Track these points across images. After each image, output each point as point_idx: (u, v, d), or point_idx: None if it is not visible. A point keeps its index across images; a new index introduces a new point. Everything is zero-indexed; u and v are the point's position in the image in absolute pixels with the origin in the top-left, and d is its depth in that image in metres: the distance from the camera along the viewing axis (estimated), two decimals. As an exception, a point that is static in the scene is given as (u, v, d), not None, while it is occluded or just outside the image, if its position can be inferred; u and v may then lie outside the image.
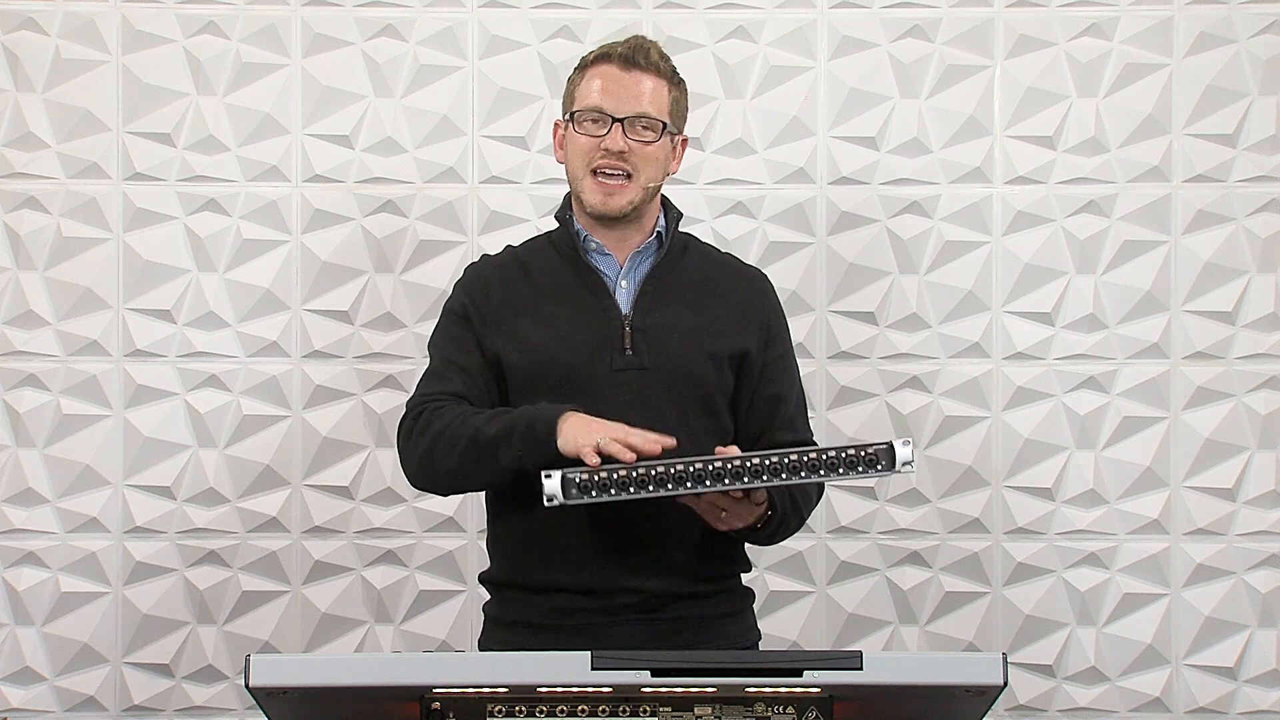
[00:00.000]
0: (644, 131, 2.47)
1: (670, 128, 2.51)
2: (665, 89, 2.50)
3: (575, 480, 2.21)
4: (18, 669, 3.27)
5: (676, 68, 2.54)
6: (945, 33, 3.33)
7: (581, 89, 2.50)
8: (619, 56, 2.49)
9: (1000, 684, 1.92)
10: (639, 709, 2.00)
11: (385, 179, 3.32)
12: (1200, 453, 3.30)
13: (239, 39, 3.31)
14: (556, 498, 2.20)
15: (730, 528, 2.41)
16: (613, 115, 2.46)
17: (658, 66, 2.50)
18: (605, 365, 2.46)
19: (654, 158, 2.49)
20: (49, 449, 3.27)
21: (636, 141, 2.46)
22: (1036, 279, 3.32)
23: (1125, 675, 3.30)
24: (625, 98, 2.47)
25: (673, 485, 2.21)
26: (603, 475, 2.21)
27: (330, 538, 3.30)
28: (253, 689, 1.90)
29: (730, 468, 2.21)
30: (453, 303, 2.58)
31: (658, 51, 2.51)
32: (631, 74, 2.48)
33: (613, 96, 2.47)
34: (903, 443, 2.22)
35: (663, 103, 2.49)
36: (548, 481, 2.21)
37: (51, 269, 3.28)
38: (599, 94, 2.47)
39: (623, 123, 2.46)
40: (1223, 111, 3.31)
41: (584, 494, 2.21)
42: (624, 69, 2.48)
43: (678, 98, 2.53)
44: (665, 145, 2.51)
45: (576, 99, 2.51)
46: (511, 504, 2.50)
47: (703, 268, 2.59)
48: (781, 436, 2.59)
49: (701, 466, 2.21)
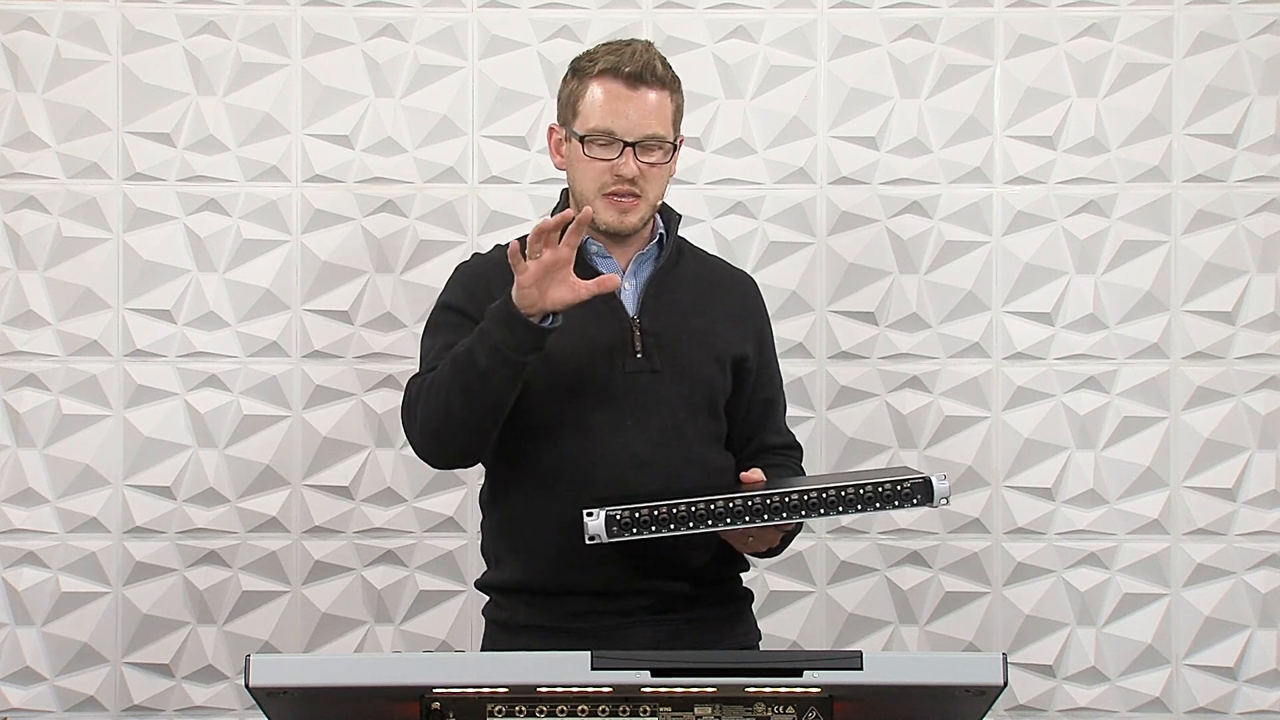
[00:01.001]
0: (654, 153, 2.46)
1: (675, 141, 2.51)
2: (669, 100, 2.48)
3: (617, 517, 2.25)
4: (18, 669, 3.27)
5: (674, 70, 2.52)
6: (945, 33, 3.33)
7: (586, 105, 2.46)
8: (626, 76, 2.45)
9: (1000, 684, 1.92)
10: (639, 709, 2.00)
11: (385, 179, 3.32)
12: (1200, 453, 3.30)
13: (239, 39, 3.31)
14: (600, 536, 2.24)
15: (754, 551, 2.45)
16: (624, 140, 2.44)
17: (662, 80, 2.47)
18: (619, 368, 2.46)
19: (662, 176, 2.50)
20: (49, 449, 3.27)
21: (647, 164, 2.45)
22: (1036, 279, 3.32)
23: (1125, 675, 3.30)
24: (635, 119, 2.44)
25: (713, 521, 2.26)
26: (644, 512, 2.25)
27: (330, 538, 3.30)
28: (253, 689, 1.90)
29: (770, 503, 2.26)
30: (448, 297, 2.56)
31: (661, 62, 2.48)
32: (639, 92, 2.45)
33: (622, 118, 2.44)
34: (940, 478, 2.27)
35: (667, 116, 2.47)
36: (590, 521, 2.24)
37: (51, 269, 3.28)
38: (608, 115, 2.44)
39: (634, 147, 2.44)
40: (1223, 111, 3.31)
41: (625, 531, 2.25)
42: (631, 88, 2.44)
43: (679, 104, 2.52)
44: (673, 162, 2.52)
45: (581, 114, 2.47)
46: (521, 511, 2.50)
47: (698, 271, 2.60)
48: (773, 440, 2.63)
49: (742, 503, 2.26)
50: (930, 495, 2.26)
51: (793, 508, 2.26)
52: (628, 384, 2.46)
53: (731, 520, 2.26)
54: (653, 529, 2.25)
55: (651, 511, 2.25)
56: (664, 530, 2.25)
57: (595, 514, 2.24)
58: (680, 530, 2.25)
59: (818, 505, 2.26)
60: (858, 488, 2.26)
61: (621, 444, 2.45)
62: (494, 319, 2.33)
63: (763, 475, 2.41)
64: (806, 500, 2.26)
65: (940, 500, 2.26)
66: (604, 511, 2.24)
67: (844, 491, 2.25)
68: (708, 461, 2.51)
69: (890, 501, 2.26)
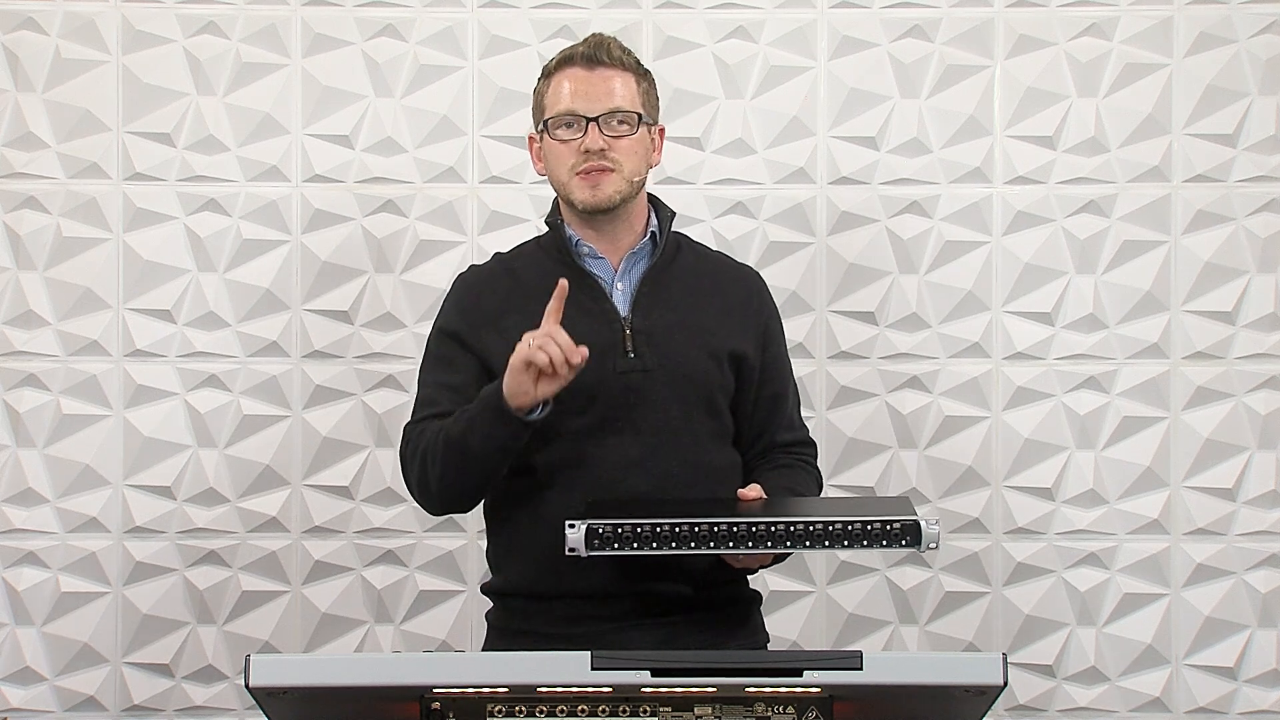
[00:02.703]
0: (619, 126, 2.47)
1: (646, 118, 2.50)
2: (633, 81, 2.50)
3: (599, 531, 2.23)
4: (18, 669, 3.27)
5: (639, 59, 2.54)
6: (945, 33, 3.33)
7: (550, 96, 2.50)
8: (581, 57, 2.48)
9: (1000, 684, 1.92)
10: (639, 709, 2.00)
11: (385, 179, 3.32)
12: (1200, 453, 3.30)
13: (239, 39, 3.31)
14: (579, 549, 2.23)
15: (742, 567, 2.46)
16: (586, 116, 2.45)
17: (622, 61, 2.50)
18: (609, 368, 2.46)
19: (633, 150, 2.48)
20: (49, 449, 3.27)
21: (613, 137, 2.46)
22: (1036, 279, 3.32)
23: (1125, 675, 3.30)
24: (595, 96, 2.46)
25: (696, 544, 2.24)
26: (626, 528, 2.23)
27: (330, 538, 3.30)
28: (253, 689, 1.90)
29: (755, 530, 2.24)
30: (442, 321, 2.58)
31: (619, 46, 2.51)
32: (597, 71, 2.48)
33: (583, 98, 2.46)
34: (930, 522, 2.24)
35: (633, 94, 2.49)
36: (570, 533, 2.23)
37: (51, 269, 3.28)
38: (569, 97, 2.47)
39: (597, 121, 2.45)
40: (1223, 111, 3.31)
41: (605, 546, 2.23)
42: (589, 68, 2.48)
43: (647, 89, 2.53)
44: (644, 137, 2.50)
45: (546, 107, 2.50)
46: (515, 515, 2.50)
47: (697, 267, 2.59)
48: (783, 437, 2.61)
49: (725, 528, 2.23)
50: (918, 539, 2.22)
51: (778, 538, 2.23)
52: (619, 384, 2.46)
53: (715, 545, 2.23)
54: (634, 545, 2.22)
55: (634, 529, 2.22)
56: (645, 548, 2.22)
57: (576, 526, 2.22)
58: (662, 550, 2.22)
59: (803, 538, 2.23)
60: (845, 524, 2.23)
61: (612, 445, 2.45)
62: (485, 410, 2.36)
63: (761, 492, 2.41)
64: (793, 532, 2.23)
65: (929, 545, 2.22)
66: (585, 524, 2.22)
67: (831, 527, 2.23)
68: (706, 460, 2.50)
69: (878, 541, 2.23)
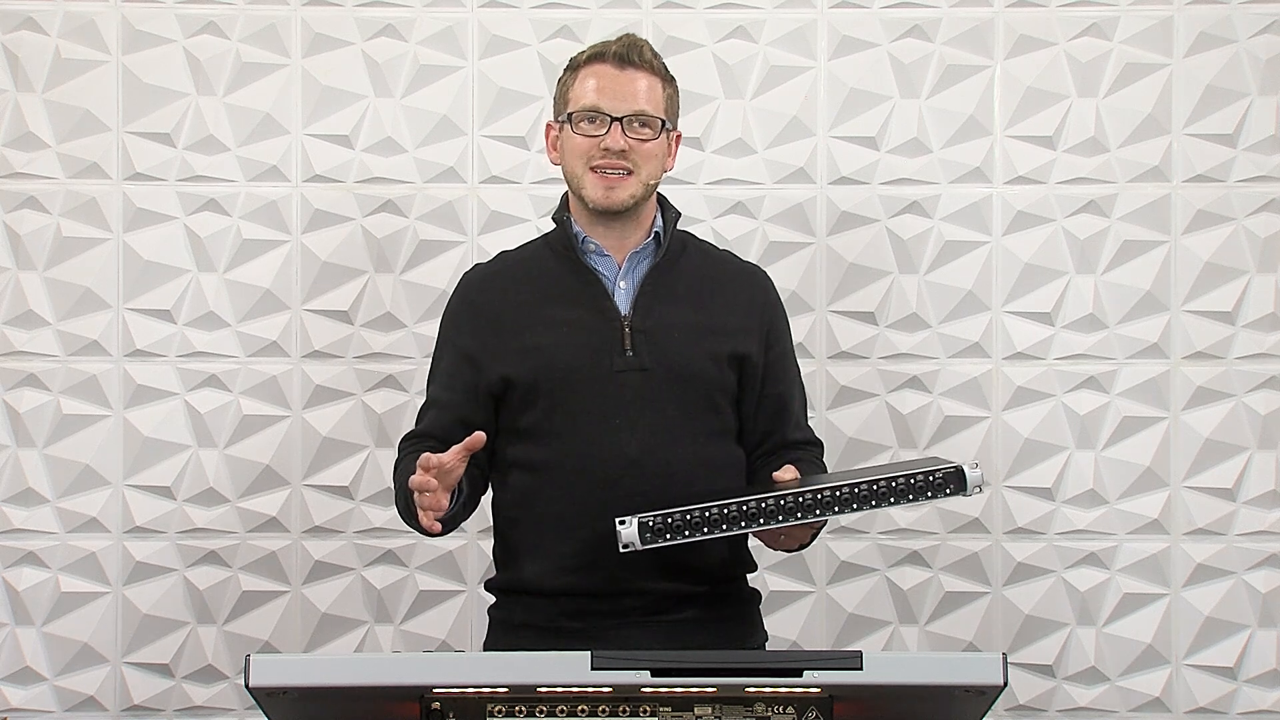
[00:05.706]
0: (642, 130, 2.48)
1: (667, 124, 2.51)
2: (660, 86, 2.51)
3: (650, 524, 2.23)
4: (18, 669, 3.27)
5: (667, 64, 2.55)
6: (945, 33, 3.33)
7: (576, 89, 2.50)
8: (614, 56, 2.49)
9: (1000, 684, 1.92)
10: (639, 709, 2.00)
11: (385, 179, 3.32)
12: (1200, 453, 3.30)
13: (239, 39, 3.31)
14: (634, 544, 2.23)
15: (786, 548, 2.46)
16: (611, 115, 2.46)
17: (651, 64, 2.51)
18: (606, 367, 2.46)
19: (653, 154, 2.50)
20: (49, 449, 3.27)
21: (635, 140, 2.47)
22: (1036, 279, 3.32)
23: (1125, 675, 3.30)
24: (622, 96, 2.47)
25: (746, 523, 2.24)
26: (676, 518, 2.23)
27: (330, 538, 3.30)
28: (253, 689, 1.90)
29: (803, 500, 2.23)
30: (445, 326, 2.60)
31: (650, 49, 2.52)
32: (626, 72, 2.49)
33: (610, 96, 2.47)
34: (972, 465, 2.23)
35: (658, 100, 2.50)
36: (623, 529, 2.23)
37: (51, 269, 3.28)
38: (595, 94, 2.48)
39: (621, 122, 2.46)
40: (1223, 111, 3.31)
41: (658, 537, 2.23)
42: (619, 68, 2.49)
43: (671, 95, 2.55)
44: (663, 142, 2.51)
45: (571, 99, 2.51)
46: (517, 514, 2.50)
47: (701, 266, 2.59)
48: (793, 435, 2.60)
49: (774, 502, 2.23)
50: (963, 484, 2.22)
51: (825, 504, 2.23)
52: (616, 383, 2.46)
53: (765, 520, 2.23)
54: (686, 534, 2.23)
55: (684, 516, 2.23)
56: (698, 534, 2.23)
57: (628, 522, 2.22)
58: (714, 533, 2.23)
59: (850, 500, 2.23)
60: (890, 480, 2.23)
61: (610, 443, 2.45)
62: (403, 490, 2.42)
63: (796, 473, 2.39)
64: (839, 496, 2.23)
65: (974, 489, 2.22)
66: (636, 519, 2.22)
67: (876, 485, 2.22)
68: (706, 457, 2.50)
69: (924, 493, 2.23)
